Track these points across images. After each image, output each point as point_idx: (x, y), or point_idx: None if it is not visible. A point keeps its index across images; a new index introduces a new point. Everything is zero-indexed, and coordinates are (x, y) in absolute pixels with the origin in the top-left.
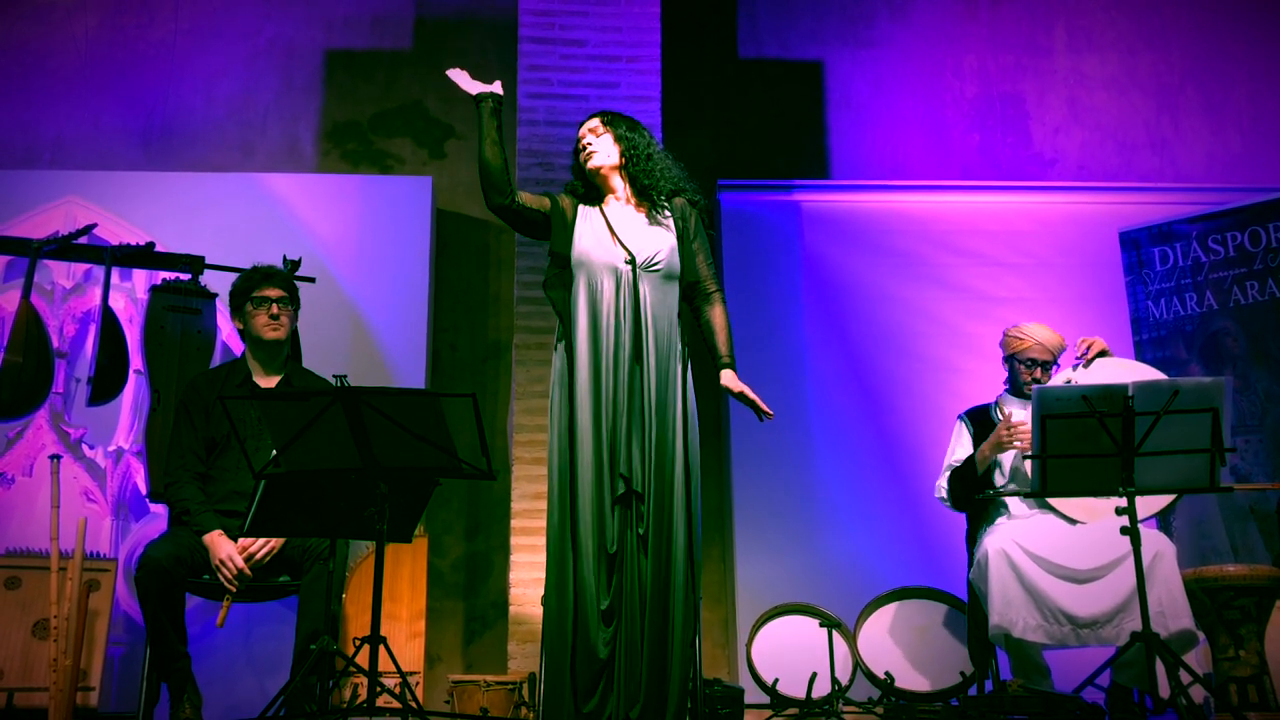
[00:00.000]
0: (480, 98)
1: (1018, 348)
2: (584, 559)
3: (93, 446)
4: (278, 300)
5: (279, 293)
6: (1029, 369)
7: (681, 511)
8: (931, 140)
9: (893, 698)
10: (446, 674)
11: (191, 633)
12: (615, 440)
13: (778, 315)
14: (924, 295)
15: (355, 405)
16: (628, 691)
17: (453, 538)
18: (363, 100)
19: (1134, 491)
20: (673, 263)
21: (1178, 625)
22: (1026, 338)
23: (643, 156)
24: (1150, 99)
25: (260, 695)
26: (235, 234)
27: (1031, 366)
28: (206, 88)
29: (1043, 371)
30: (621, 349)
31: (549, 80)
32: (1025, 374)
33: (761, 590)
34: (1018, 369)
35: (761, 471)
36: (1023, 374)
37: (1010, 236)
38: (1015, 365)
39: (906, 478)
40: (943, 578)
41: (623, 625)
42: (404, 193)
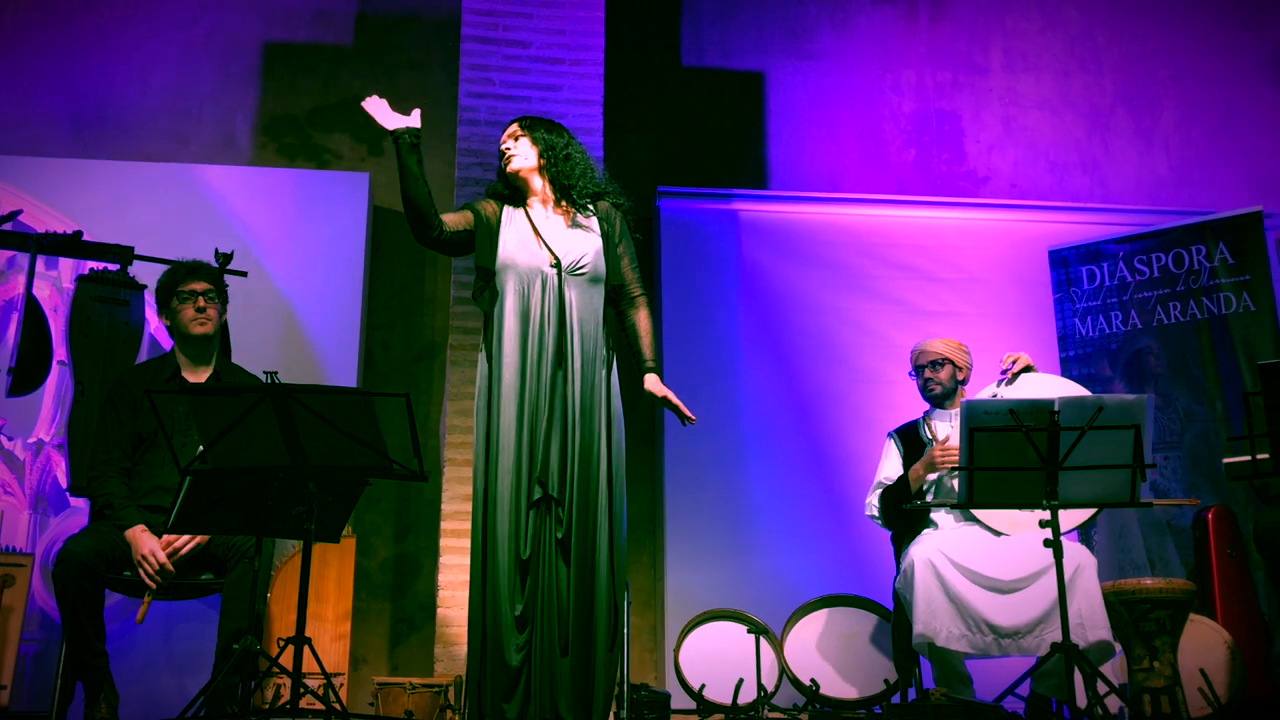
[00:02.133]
0: (397, 133)
1: (913, 363)
2: (499, 564)
3: (11, 438)
4: (204, 294)
5: (205, 286)
6: (920, 374)
7: (605, 516)
8: (869, 154)
9: (817, 704)
10: (372, 676)
11: (110, 630)
12: (535, 444)
13: (714, 323)
14: (857, 306)
15: (286, 402)
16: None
17: (381, 539)
18: (301, 94)
19: (1057, 505)
20: (598, 266)
21: (1096, 636)
22: (916, 349)
23: (561, 157)
24: (1082, 120)
25: (180, 695)
26: (167, 225)
27: (920, 371)
28: (142, 75)
29: (931, 370)
30: (545, 352)
31: (491, 80)
32: (919, 379)
33: (691, 596)
34: (920, 379)
35: (694, 478)
36: (918, 380)
37: (943, 251)
38: (919, 378)
39: (836, 486)
40: (870, 586)
41: (538, 631)
42: (341, 189)
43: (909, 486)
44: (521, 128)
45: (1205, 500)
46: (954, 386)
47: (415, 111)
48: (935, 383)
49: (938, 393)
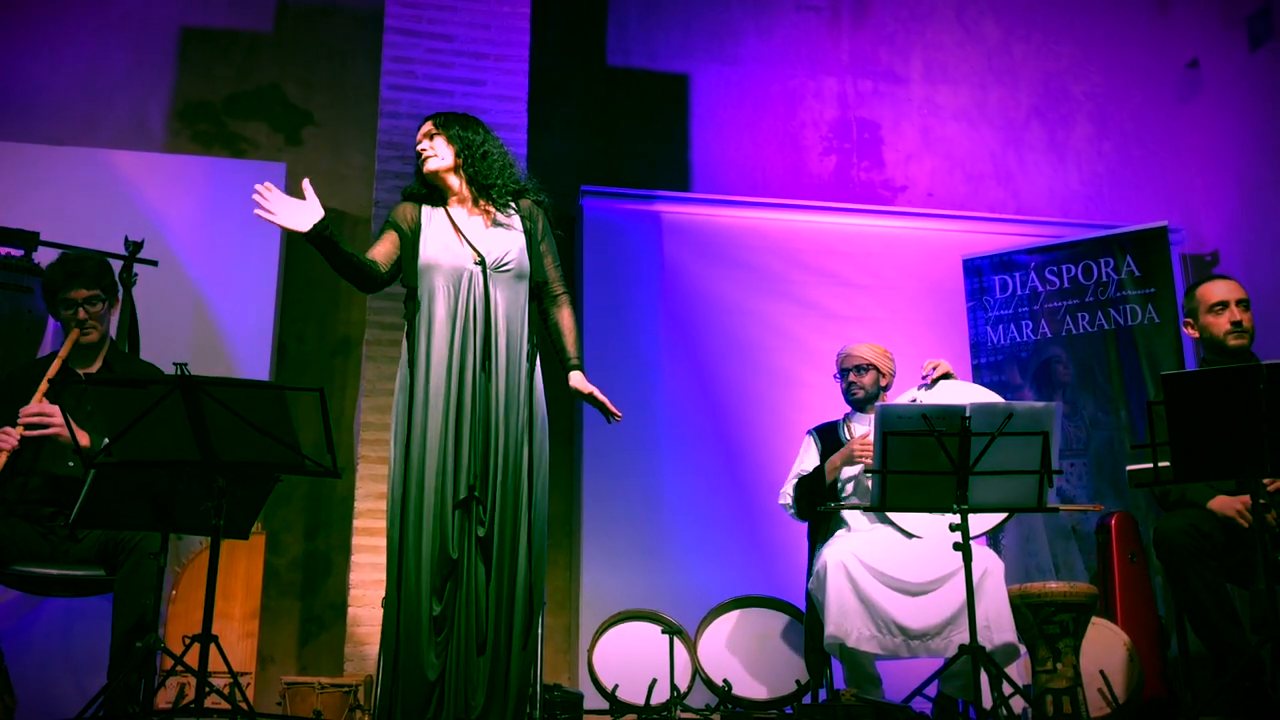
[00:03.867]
0: (313, 232)
1: (839, 365)
2: (421, 565)
3: None
4: (85, 303)
5: (86, 293)
6: (844, 377)
7: (525, 515)
8: (790, 159)
9: (730, 704)
10: (280, 675)
11: (3, 628)
12: (460, 443)
13: (635, 323)
14: (776, 310)
15: (195, 395)
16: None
17: (292, 536)
18: (217, 81)
19: (967, 509)
20: (522, 262)
21: (1002, 638)
22: (842, 353)
23: (478, 155)
24: (998, 133)
25: (79, 695)
26: (75, 211)
27: (846, 374)
28: (50, 55)
29: (856, 374)
30: (469, 350)
31: (414, 73)
32: (843, 382)
33: (606, 597)
34: (845, 382)
35: (611, 478)
36: (842, 383)
37: (860, 258)
38: (843, 380)
39: (751, 488)
40: (782, 588)
41: (457, 631)
42: (256, 178)
43: (824, 477)
44: (436, 126)
45: (1109, 506)
46: (876, 391)
47: (305, 183)
48: (859, 387)
49: (860, 397)
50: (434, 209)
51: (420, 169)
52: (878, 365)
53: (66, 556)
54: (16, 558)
